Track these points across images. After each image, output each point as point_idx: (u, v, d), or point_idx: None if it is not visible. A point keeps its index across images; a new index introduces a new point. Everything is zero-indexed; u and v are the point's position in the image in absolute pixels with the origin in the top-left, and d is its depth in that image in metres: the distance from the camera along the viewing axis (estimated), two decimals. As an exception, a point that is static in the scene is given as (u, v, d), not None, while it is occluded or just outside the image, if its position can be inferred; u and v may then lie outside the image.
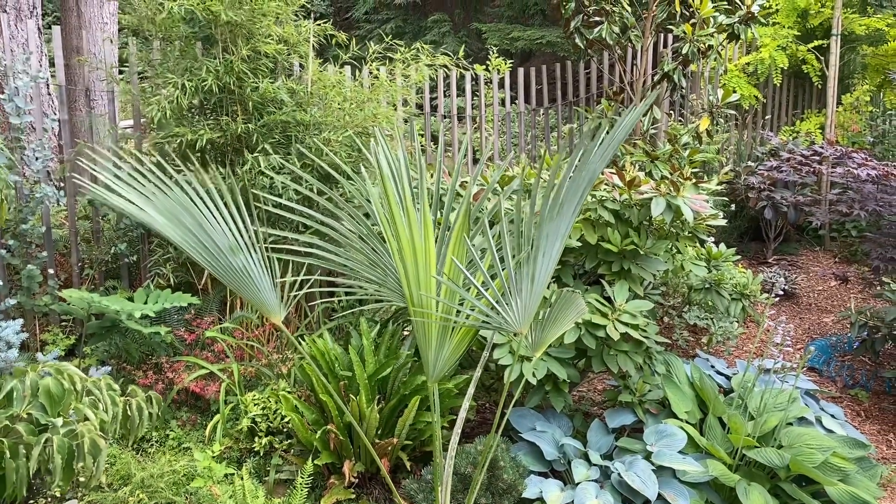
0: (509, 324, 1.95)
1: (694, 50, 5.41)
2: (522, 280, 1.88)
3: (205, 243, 1.95)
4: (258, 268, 2.04)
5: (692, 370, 3.59)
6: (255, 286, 2.04)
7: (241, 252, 1.98)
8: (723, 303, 4.11)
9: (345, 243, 2.21)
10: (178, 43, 4.33)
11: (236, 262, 1.99)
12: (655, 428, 3.21)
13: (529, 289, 1.91)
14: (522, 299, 1.92)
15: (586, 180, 1.84)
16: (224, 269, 2.00)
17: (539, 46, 14.97)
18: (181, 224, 1.90)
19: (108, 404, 2.65)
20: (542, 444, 3.09)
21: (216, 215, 1.99)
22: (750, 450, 3.12)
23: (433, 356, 2.10)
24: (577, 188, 1.84)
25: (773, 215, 6.32)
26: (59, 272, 4.51)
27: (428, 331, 2.04)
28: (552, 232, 1.86)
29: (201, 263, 1.98)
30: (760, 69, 7.26)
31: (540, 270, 1.90)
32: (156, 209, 1.86)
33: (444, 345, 2.06)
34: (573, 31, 5.65)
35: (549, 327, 2.06)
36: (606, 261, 3.49)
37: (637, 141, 5.74)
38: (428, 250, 1.98)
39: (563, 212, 1.84)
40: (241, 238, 2.00)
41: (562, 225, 1.86)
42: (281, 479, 3.34)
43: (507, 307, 1.91)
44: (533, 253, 1.85)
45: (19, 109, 3.87)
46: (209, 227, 1.94)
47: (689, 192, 3.48)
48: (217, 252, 1.96)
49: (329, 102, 4.31)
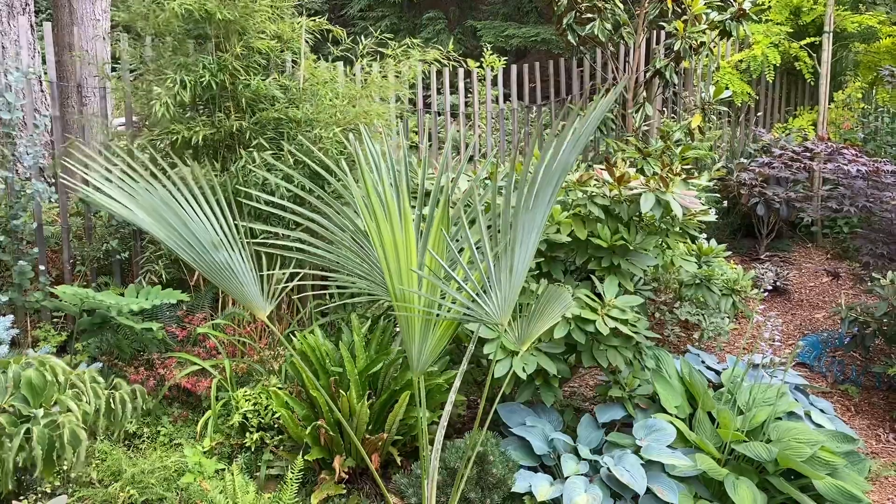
0: (490, 315, 1.96)
1: (686, 46, 5.42)
2: (501, 272, 1.89)
3: (188, 239, 1.95)
4: (241, 263, 2.05)
5: (682, 365, 3.61)
6: (238, 281, 2.05)
7: (223, 248, 1.98)
8: (713, 298, 4.13)
9: (333, 239, 2.21)
10: (171, 39, 4.33)
11: (219, 257, 1.99)
12: (645, 423, 3.22)
13: (508, 280, 1.92)
14: (502, 291, 1.93)
15: (559, 171, 1.85)
16: (208, 265, 2.00)
17: (534, 44, 14.99)
18: (164, 220, 1.90)
19: (91, 397, 2.65)
20: (532, 439, 3.10)
21: (198, 211, 1.99)
22: (738, 444, 3.14)
23: (417, 349, 2.11)
24: (551, 179, 1.85)
25: (766, 212, 6.34)
26: (50, 269, 4.51)
27: (411, 324, 2.05)
28: (528, 223, 1.87)
29: (186, 259, 1.99)
30: (753, 66, 7.28)
31: (518, 261, 1.90)
32: (139, 206, 1.86)
33: (427, 337, 2.07)
34: (565, 27, 5.66)
35: (535, 321, 2.07)
36: (596, 256, 3.50)
37: (629, 138, 5.75)
38: (409, 244, 1.99)
39: (537, 202, 1.85)
40: (223, 234, 2.00)
41: (537, 216, 1.87)
42: (272, 475, 3.35)
43: (488, 299, 1.92)
44: (510, 244, 1.86)
45: (10, 105, 3.87)
46: (192, 223, 1.95)
47: (679, 188, 3.49)
48: (200, 248, 1.97)
49: (320, 99, 4.31)
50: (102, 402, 2.74)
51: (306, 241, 2.21)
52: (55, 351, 4.00)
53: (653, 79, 5.88)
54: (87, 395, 2.63)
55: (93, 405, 2.67)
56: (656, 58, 5.72)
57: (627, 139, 5.79)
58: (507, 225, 1.85)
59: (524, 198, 1.83)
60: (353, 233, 2.22)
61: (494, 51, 15.20)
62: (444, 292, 2.07)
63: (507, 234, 1.85)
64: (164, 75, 4.05)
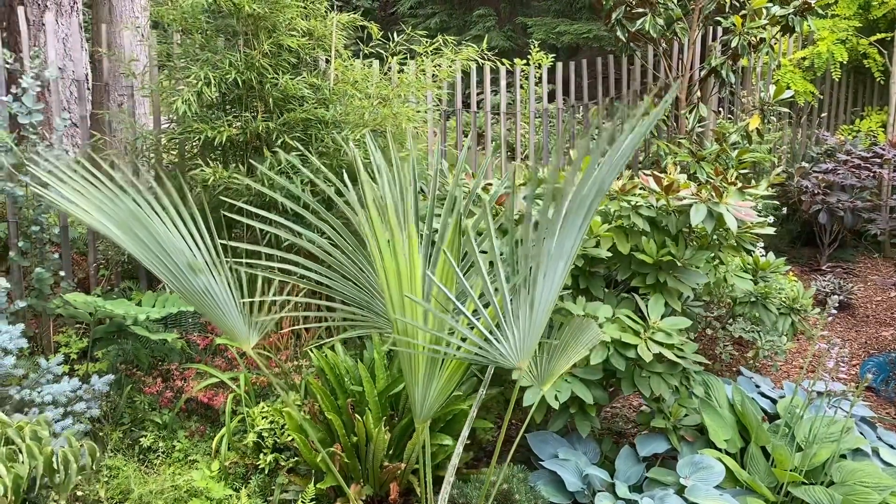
0: (505, 357, 1.70)
1: (744, 43, 5.06)
2: (520, 306, 1.63)
3: (163, 259, 1.74)
4: (223, 289, 1.83)
5: (734, 392, 3.29)
6: (220, 310, 1.83)
7: (203, 271, 1.76)
8: (770, 318, 3.79)
9: (329, 262, 1.98)
10: (199, 36, 4.17)
11: (198, 282, 1.78)
12: (691, 459, 2.92)
13: (528, 316, 1.65)
14: (520, 329, 1.67)
15: (593, 192, 1.58)
16: (186, 289, 1.79)
17: (586, 41, 14.60)
18: (136, 237, 1.70)
19: (25, 457, 2.41)
20: (564, 474, 2.83)
21: (170, 228, 1.77)
22: (796, 487, 2.82)
23: (420, 393, 1.86)
24: (583, 201, 1.58)
25: (828, 220, 5.92)
26: (76, 272, 4.41)
27: (414, 363, 1.81)
28: (555, 250, 1.60)
29: (164, 281, 1.78)
30: (817, 64, 6.83)
31: (541, 295, 1.64)
32: (109, 219, 1.66)
33: (432, 380, 1.82)
34: (614, 22, 5.35)
35: (557, 357, 1.81)
36: (640, 273, 3.21)
37: (682, 140, 5.41)
38: (413, 271, 1.75)
39: (567, 226, 1.58)
40: (203, 255, 1.79)
41: (566, 243, 1.60)
42: (286, 500, 3.15)
43: (503, 338, 1.66)
44: (532, 275, 1.60)
45: (29, 108, 3.76)
46: (166, 243, 1.73)
47: (734, 198, 3.17)
48: (177, 270, 1.76)
49: (350, 99, 4.10)
50: (40, 464, 2.49)
51: (300, 264, 1.98)
52: (76, 357, 3.89)
53: (708, 77, 5.52)
54: (24, 453, 2.38)
55: (27, 467, 2.41)
56: (712, 55, 5.36)
57: (679, 141, 5.45)
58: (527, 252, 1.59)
59: (551, 219, 1.57)
60: (353, 254, 1.99)
61: (545, 48, 14.86)
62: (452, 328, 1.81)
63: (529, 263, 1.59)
64: (190, 72, 3.89)
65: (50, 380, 3.29)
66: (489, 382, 3.44)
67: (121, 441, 3.54)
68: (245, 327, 1.90)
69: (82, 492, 3.13)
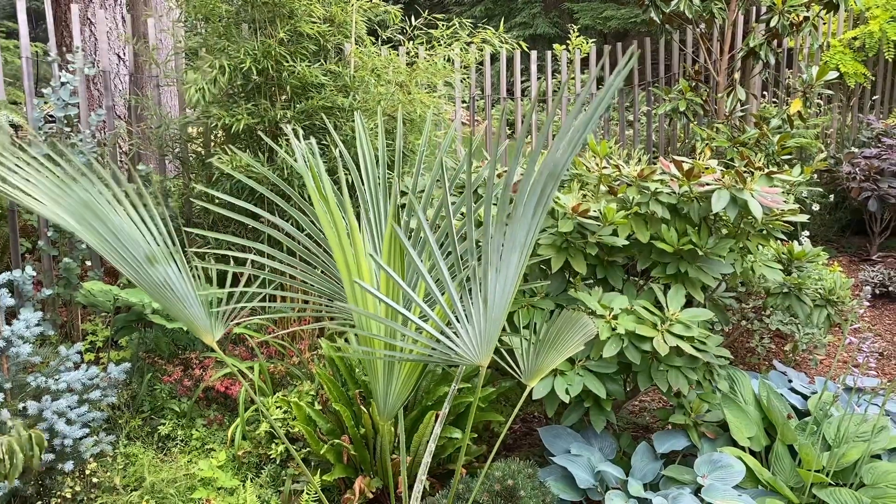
0: (461, 356, 1.61)
1: (784, 23, 4.82)
2: (472, 304, 1.53)
3: (120, 251, 1.70)
4: (181, 280, 1.78)
5: (760, 388, 3.14)
6: (180, 303, 1.78)
7: (160, 262, 1.72)
8: (804, 310, 3.60)
9: (297, 250, 1.92)
10: (219, 24, 4.16)
11: (156, 274, 1.73)
12: (710, 457, 2.79)
13: (483, 313, 1.56)
14: (474, 326, 1.57)
15: (545, 175, 1.47)
16: (146, 281, 1.74)
17: (633, 25, 14.29)
18: (91, 227, 1.66)
19: None
20: (575, 470, 2.73)
21: (123, 217, 1.72)
22: (822, 488, 2.67)
23: (382, 389, 1.79)
24: (535, 186, 1.47)
25: (879, 207, 5.65)
26: (103, 261, 4.46)
27: (373, 364, 1.72)
28: (507, 242, 1.49)
29: (124, 273, 1.74)
30: (868, 44, 6.50)
31: (493, 290, 1.54)
32: (62, 208, 1.63)
33: (391, 380, 1.74)
34: (648, 3, 5.16)
35: (546, 352, 1.71)
36: (661, 262, 3.08)
37: (719, 125, 5.20)
38: (360, 264, 1.66)
39: (517, 217, 1.47)
40: (158, 245, 1.74)
41: (518, 233, 1.50)
42: (297, 490, 3.12)
43: (457, 336, 1.57)
44: (481, 270, 1.50)
45: (65, 102, 3.81)
46: (121, 232, 1.68)
47: (760, 184, 3.01)
48: (134, 262, 1.71)
49: (367, 86, 4.04)
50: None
51: (266, 254, 1.92)
52: (101, 345, 3.94)
53: (747, 59, 5.30)
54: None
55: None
56: (751, 35, 5.13)
57: (717, 126, 5.24)
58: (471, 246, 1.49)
59: (497, 210, 1.46)
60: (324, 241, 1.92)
61: (593, 34, 14.58)
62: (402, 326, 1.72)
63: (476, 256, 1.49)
64: (205, 60, 3.89)
65: (69, 367, 3.32)
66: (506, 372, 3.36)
67: (140, 429, 3.57)
68: (207, 320, 1.86)
69: (98, 479, 3.16)
